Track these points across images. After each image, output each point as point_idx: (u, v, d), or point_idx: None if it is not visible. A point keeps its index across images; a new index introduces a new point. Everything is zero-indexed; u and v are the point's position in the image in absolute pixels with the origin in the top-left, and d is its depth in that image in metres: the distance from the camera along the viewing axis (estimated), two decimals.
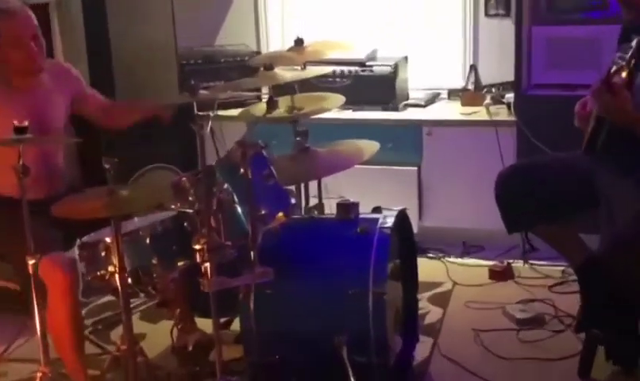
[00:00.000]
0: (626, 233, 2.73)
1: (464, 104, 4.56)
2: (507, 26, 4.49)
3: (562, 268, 4.02)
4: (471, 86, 4.60)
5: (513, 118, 4.20)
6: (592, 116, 2.94)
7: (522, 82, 4.18)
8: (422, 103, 4.61)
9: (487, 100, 4.50)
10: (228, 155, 2.89)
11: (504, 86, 4.50)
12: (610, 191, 2.89)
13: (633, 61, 2.63)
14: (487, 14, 4.69)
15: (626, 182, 2.86)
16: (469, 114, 4.40)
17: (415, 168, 4.43)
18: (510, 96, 4.33)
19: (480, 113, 4.40)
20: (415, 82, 4.79)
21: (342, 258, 2.90)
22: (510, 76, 4.30)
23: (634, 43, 2.62)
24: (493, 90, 4.53)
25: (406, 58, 4.71)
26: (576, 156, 3.05)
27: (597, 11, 4.11)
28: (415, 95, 4.71)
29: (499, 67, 4.52)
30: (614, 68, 2.69)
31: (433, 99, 4.72)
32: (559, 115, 3.45)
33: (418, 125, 4.41)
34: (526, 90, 4.22)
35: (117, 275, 2.72)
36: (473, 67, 4.64)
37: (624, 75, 2.64)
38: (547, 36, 4.17)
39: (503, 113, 4.33)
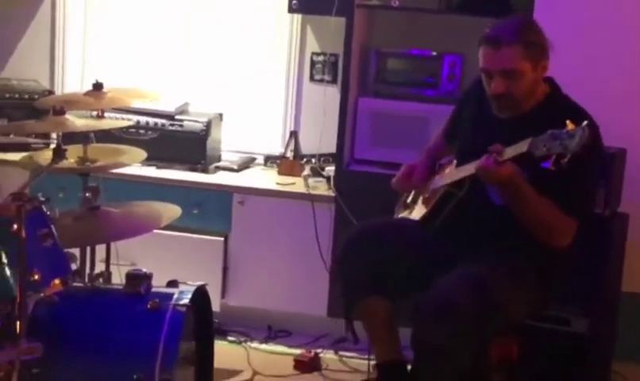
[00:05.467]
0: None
1: (280, 173, 4.57)
2: (333, 94, 4.53)
3: (373, 363, 4.01)
4: (290, 154, 4.62)
5: (332, 193, 4.24)
6: (438, 192, 3.05)
7: (344, 156, 4.24)
8: (235, 167, 4.59)
9: (306, 171, 4.52)
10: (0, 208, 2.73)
11: (325, 158, 4.54)
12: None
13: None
14: (312, 79, 4.73)
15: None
16: (286, 185, 4.41)
17: (222, 239, 4.35)
18: (330, 169, 4.38)
19: (297, 185, 4.40)
20: (229, 144, 4.76)
21: (127, 337, 2.79)
22: (332, 148, 4.34)
23: (577, 133, 2.49)
24: (313, 160, 4.56)
25: (220, 116, 4.67)
26: (413, 228, 3.13)
27: (429, 89, 4.24)
28: (228, 158, 4.68)
29: (322, 137, 4.52)
30: (553, 154, 2.54)
31: (247, 164, 4.71)
32: (381, 194, 3.50)
33: (228, 191, 4.36)
34: (348, 164, 4.28)
35: None
36: (294, 134, 4.66)
37: (565, 161, 2.53)
38: (374, 109, 4.27)
39: (322, 187, 4.35)
